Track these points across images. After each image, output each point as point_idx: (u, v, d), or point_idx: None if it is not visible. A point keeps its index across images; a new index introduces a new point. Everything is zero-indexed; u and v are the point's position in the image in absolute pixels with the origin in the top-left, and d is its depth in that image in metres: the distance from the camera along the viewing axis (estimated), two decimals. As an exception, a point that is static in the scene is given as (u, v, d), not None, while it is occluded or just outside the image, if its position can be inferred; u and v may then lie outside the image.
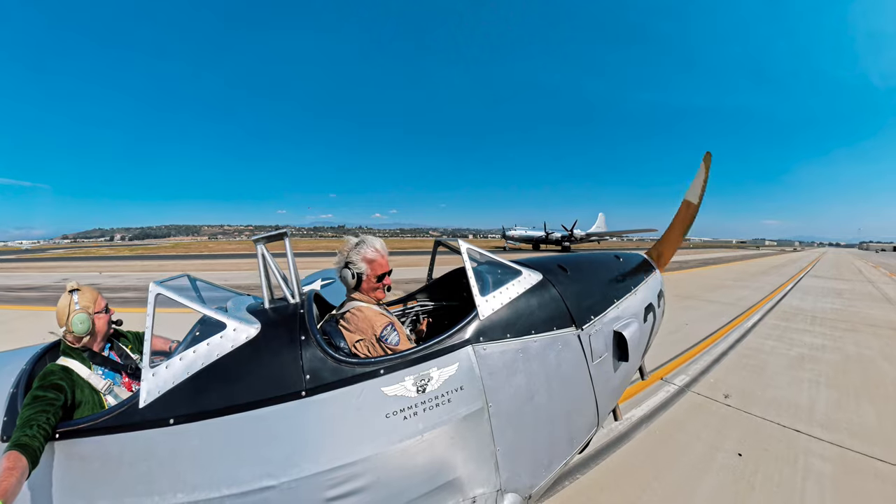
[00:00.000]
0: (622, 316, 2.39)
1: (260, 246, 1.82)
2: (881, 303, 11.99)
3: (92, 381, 1.84)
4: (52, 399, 1.59)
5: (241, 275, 17.29)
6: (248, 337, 1.59)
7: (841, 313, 9.94)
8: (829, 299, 12.31)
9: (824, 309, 10.52)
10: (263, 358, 1.58)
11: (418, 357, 1.68)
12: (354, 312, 1.99)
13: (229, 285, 2.46)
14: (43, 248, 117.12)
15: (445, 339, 1.75)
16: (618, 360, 2.31)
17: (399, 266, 21.74)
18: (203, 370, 1.52)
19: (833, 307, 10.86)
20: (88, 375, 1.85)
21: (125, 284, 14.98)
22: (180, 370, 1.52)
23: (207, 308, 1.66)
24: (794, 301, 11.88)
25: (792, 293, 13.69)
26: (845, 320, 9.12)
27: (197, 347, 1.56)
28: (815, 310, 10.38)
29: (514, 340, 1.88)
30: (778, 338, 7.33)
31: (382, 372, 1.61)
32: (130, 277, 17.33)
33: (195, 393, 1.50)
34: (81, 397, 1.77)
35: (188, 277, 2.23)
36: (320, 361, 1.58)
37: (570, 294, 2.17)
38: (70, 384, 1.74)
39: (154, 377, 1.49)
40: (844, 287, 15.94)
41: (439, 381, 1.66)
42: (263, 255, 1.82)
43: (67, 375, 1.77)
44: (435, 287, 3.02)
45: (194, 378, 1.51)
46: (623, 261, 2.97)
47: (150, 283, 1.62)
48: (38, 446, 1.37)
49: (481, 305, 1.89)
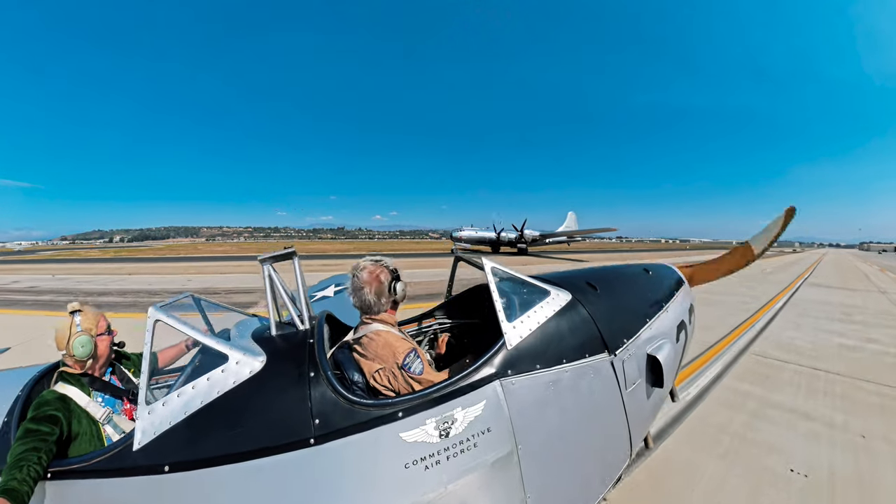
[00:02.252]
0: (655, 337, 2.24)
1: (266, 266, 1.69)
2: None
3: (90, 410, 1.75)
4: (45, 434, 1.50)
5: (230, 278, 16.75)
6: (251, 371, 1.45)
7: (856, 361, 5.90)
8: (835, 327, 8.26)
9: (828, 350, 6.49)
10: (268, 397, 1.44)
11: (440, 396, 1.52)
12: (372, 337, 1.84)
13: (208, 289, 2.31)
14: (35, 248, 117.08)
15: (470, 374, 1.59)
16: (651, 385, 2.16)
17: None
18: (202, 409, 1.39)
19: (843, 345, 6.80)
20: (87, 403, 1.75)
21: (67, 287, 14.06)
22: (177, 409, 1.39)
23: (209, 337, 1.53)
24: (784, 331, 7.80)
25: (783, 313, 9.68)
26: (868, 379, 5.08)
27: (196, 382, 1.43)
28: (815, 351, 6.40)
29: (545, 372, 1.72)
30: (731, 455, 3.29)
31: (401, 415, 1.45)
32: (83, 280, 16.71)
33: (193, 436, 1.37)
34: (78, 429, 1.68)
35: (192, 297, 2.12)
36: (331, 403, 1.42)
37: (602, 315, 2.03)
38: (66, 415, 1.65)
39: (150, 416, 1.38)
40: (853, 302, 11.85)
41: (464, 423, 1.50)
42: (270, 276, 1.69)
43: (64, 405, 1.67)
44: (453, 304, 2.87)
45: (192, 419, 1.38)
46: (652, 274, 2.82)
47: (150, 308, 1.50)
48: (27, 490, 1.30)
49: (508, 333, 1.74)
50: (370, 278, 1.90)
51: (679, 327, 2.52)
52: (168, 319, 1.48)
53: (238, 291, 12.36)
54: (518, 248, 44.81)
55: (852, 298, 12.64)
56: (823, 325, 8.37)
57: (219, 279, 16.32)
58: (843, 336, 7.45)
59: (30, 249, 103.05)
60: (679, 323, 2.54)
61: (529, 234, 44.10)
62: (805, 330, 7.94)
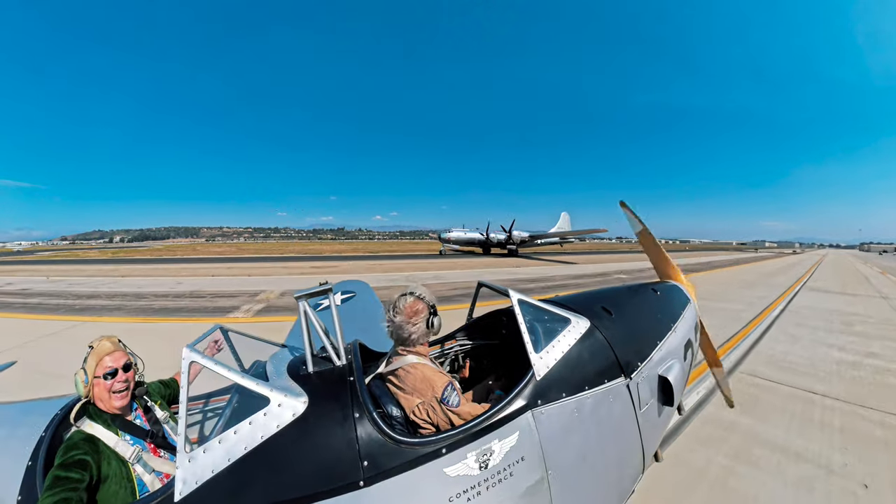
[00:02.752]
0: (665, 358, 2.34)
1: (302, 302, 1.67)
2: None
3: (119, 450, 1.71)
4: (75, 482, 1.46)
5: (218, 282, 16.45)
6: (294, 414, 1.42)
7: (857, 381, 5.30)
8: (834, 339, 7.58)
9: (826, 367, 5.85)
10: (314, 440, 1.41)
11: (480, 430, 1.59)
12: (409, 370, 1.87)
13: (195, 293, 2.08)
14: (35, 249, 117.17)
15: (505, 406, 1.67)
16: (662, 404, 2.25)
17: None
18: (246, 456, 1.34)
19: (842, 361, 6.13)
20: (115, 443, 1.71)
21: (59, 290, 13.70)
22: (220, 456, 1.33)
23: (247, 378, 1.47)
24: (779, 343, 7.12)
25: (780, 322, 9.06)
26: (870, 406, 4.48)
27: (238, 427, 1.37)
28: (811, 368, 5.77)
29: (570, 399, 1.83)
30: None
31: (444, 451, 1.50)
32: (75, 282, 16.22)
33: (237, 485, 1.32)
34: (108, 471, 1.63)
35: (220, 329, 2.17)
36: (378, 445, 1.43)
37: (618, 340, 2.14)
38: (96, 458, 1.60)
39: (191, 464, 1.31)
40: (854, 310, 11.05)
41: (501, 454, 1.58)
42: (306, 312, 1.66)
43: (93, 447, 1.63)
44: (473, 326, 2.94)
45: (236, 466, 1.33)
46: (660, 294, 2.95)
47: (184, 349, 1.45)
48: None
49: (536, 364, 1.84)
50: (409, 312, 1.94)
51: (686, 346, 2.63)
52: (203, 361, 1.44)
53: (223, 295, 12.11)
54: (508, 249, 43.84)
55: (853, 305, 11.96)
56: (821, 337, 7.74)
57: (206, 282, 16.02)
58: (842, 350, 6.79)
59: (29, 250, 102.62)
60: (686, 342, 2.64)
61: (518, 235, 43.13)
62: (802, 343, 7.28)
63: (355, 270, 21.84)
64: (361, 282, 5.60)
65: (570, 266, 26.96)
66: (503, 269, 23.28)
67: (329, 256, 39.14)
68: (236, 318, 8.86)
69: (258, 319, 8.86)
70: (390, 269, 22.47)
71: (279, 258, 35.61)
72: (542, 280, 17.50)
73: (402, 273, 20.15)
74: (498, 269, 23.45)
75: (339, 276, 18.28)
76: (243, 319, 8.76)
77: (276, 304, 10.66)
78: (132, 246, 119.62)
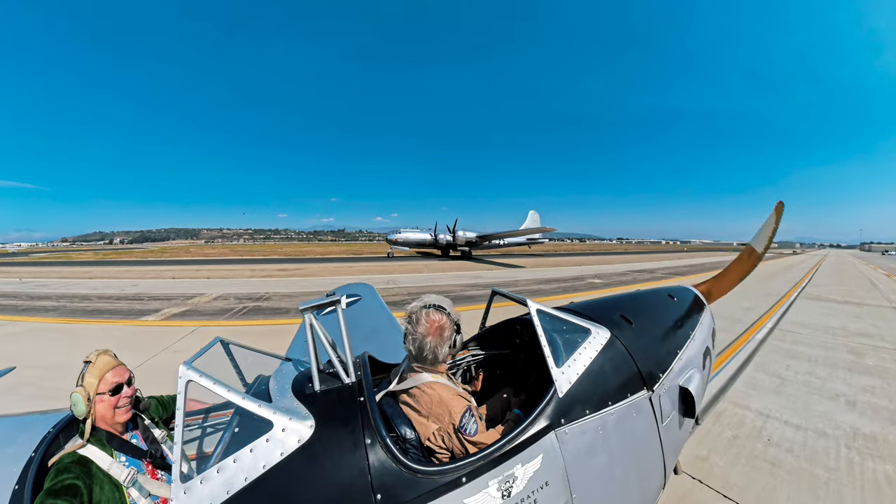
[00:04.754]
0: (685, 368, 2.24)
1: (308, 315, 1.58)
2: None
3: (113, 473, 1.61)
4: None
5: (180, 284, 15.97)
6: (300, 440, 1.31)
7: (878, 487, 3.01)
8: (840, 381, 5.28)
9: (833, 446, 3.63)
10: (321, 470, 1.30)
11: (501, 455, 1.48)
12: (425, 390, 1.73)
13: (150, 295, 2.38)
14: (33, 250, 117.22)
15: (527, 428, 1.57)
16: (682, 415, 2.16)
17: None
18: (247, 487, 1.23)
19: (856, 433, 3.89)
20: (109, 465, 1.61)
21: (20, 291, 13.90)
22: (219, 487, 1.23)
23: (249, 399, 1.34)
24: (758, 394, 4.84)
25: (765, 350, 6.76)
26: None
27: (238, 455, 1.28)
28: (805, 455, 3.46)
29: (593, 417, 1.73)
30: None
31: (464, 480, 1.39)
32: (42, 284, 16.22)
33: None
34: (100, 496, 1.53)
35: (221, 342, 2.03)
36: (392, 474, 1.32)
37: (639, 351, 2.05)
38: (87, 482, 1.51)
39: (186, 496, 1.21)
40: (862, 328, 8.53)
41: (524, 480, 1.49)
42: (312, 325, 1.57)
43: (84, 470, 1.53)
44: (486, 335, 2.80)
45: (236, 499, 1.22)
46: (677, 300, 2.82)
47: (180, 367, 1.35)
48: None
49: (558, 379, 1.74)
50: (432, 328, 1.78)
51: (705, 354, 2.53)
52: (201, 380, 1.33)
53: (160, 298, 12.06)
54: (460, 251, 40.02)
55: (860, 319, 9.62)
56: (820, 381, 5.29)
57: (162, 285, 15.71)
58: (851, 407, 4.41)
59: (25, 251, 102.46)
60: (705, 350, 2.55)
61: (462, 235, 39.23)
62: (791, 391, 4.85)
63: (320, 273, 20.79)
64: (367, 285, 5.34)
65: (518, 270, 24.95)
66: (452, 273, 21.50)
67: (316, 259, 37.63)
68: (146, 322, 8.84)
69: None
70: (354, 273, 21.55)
71: (256, 260, 34.51)
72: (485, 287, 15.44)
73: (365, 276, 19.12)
74: (443, 274, 21.35)
75: (305, 278, 17.95)
76: (152, 322, 8.78)
77: (200, 308, 10.39)
78: (129, 247, 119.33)
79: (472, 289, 14.45)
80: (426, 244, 41.55)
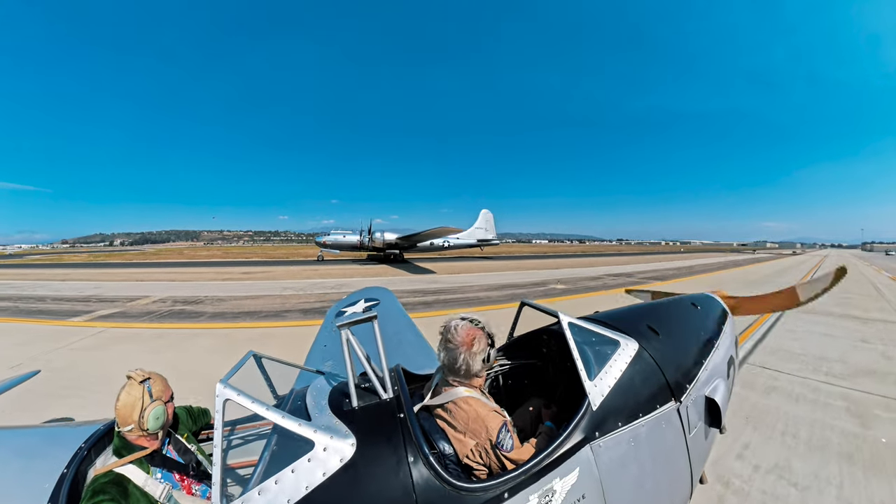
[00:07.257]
0: (711, 377, 2.23)
1: (345, 331, 1.57)
2: None
3: (149, 489, 1.59)
4: None
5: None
6: (342, 459, 1.30)
7: None
8: (832, 476, 3.14)
9: None
10: (366, 489, 1.28)
11: (541, 469, 1.48)
12: (461, 405, 1.71)
13: (111, 297, 2.33)
14: (33, 252, 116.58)
15: (563, 442, 1.57)
16: (708, 426, 2.15)
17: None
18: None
19: None
20: (145, 482, 1.59)
21: (2, 294, 13.89)
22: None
23: (289, 419, 1.33)
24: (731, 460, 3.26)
25: (730, 405, 2.75)
26: None
27: (280, 476, 1.25)
28: None
29: (626, 429, 1.73)
30: None
31: (506, 496, 1.39)
32: (18, 286, 16.34)
33: None
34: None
35: (254, 356, 1.99)
36: (437, 492, 1.30)
37: (666, 362, 2.05)
38: (123, 502, 1.48)
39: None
40: (867, 362, 6.08)
41: (562, 495, 1.49)
42: (349, 341, 1.56)
43: (121, 491, 1.51)
44: (513, 345, 2.80)
45: None
46: (701, 309, 2.80)
47: (217, 385, 1.32)
48: None
49: (591, 392, 1.73)
50: (468, 340, 1.77)
51: (729, 363, 2.50)
52: (239, 399, 1.31)
53: (107, 300, 12.08)
54: (390, 254, 36.86)
55: (864, 346, 7.12)
56: (813, 476, 3.15)
57: (124, 286, 15.61)
58: None
59: (19, 253, 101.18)
60: (729, 359, 2.52)
61: (380, 237, 35.53)
62: (771, 480, 3.05)
63: (278, 276, 20.02)
64: (385, 289, 5.23)
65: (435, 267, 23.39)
66: (386, 278, 19.61)
67: (271, 262, 36.04)
68: (70, 322, 8.93)
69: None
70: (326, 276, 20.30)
71: (232, 263, 33.44)
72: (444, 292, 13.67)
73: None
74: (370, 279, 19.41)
75: (262, 281, 17.31)
76: (75, 323, 8.87)
77: (131, 310, 10.40)
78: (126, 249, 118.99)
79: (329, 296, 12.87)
80: (355, 246, 38.76)
